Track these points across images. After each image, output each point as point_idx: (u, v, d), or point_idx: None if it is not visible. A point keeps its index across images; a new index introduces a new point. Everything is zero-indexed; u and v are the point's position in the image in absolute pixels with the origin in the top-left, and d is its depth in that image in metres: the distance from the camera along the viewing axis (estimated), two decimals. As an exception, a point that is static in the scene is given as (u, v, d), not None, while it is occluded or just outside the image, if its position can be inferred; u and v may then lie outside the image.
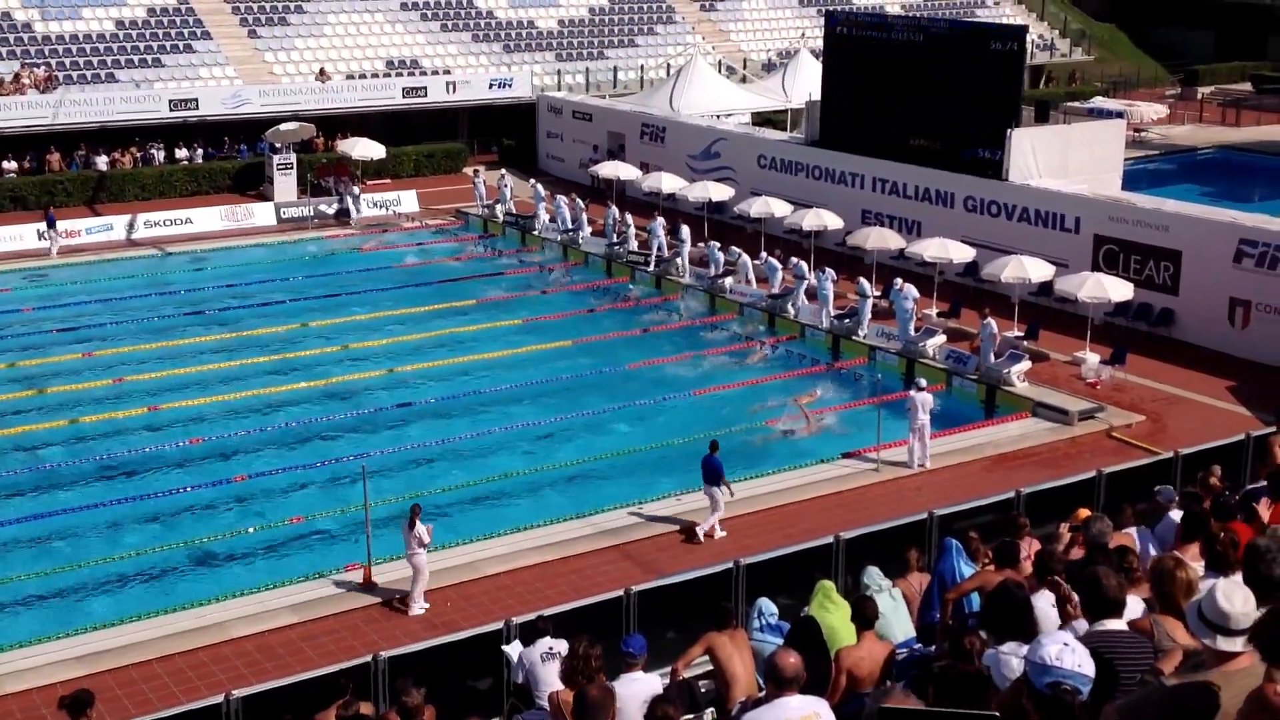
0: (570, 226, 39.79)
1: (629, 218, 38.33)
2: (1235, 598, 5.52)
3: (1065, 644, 5.39)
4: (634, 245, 37.82)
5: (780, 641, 11.79)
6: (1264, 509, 11.06)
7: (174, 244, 41.07)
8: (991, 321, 28.19)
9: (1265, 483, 12.91)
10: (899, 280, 30.56)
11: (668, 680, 11.98)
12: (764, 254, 34.68)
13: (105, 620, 18.82)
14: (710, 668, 12.49)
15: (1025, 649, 5.96)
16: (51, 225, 39.96)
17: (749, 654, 12.21)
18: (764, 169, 41.53)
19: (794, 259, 33.64)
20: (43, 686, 16.93)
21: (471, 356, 30.68)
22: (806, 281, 32.43)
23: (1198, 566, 7.95)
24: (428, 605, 19.18)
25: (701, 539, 21.08)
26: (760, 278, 34.27)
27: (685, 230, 36.42)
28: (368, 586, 19.54)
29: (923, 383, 24.65)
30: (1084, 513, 13.21)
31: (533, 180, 44.13)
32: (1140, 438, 25.17)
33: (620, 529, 21.53)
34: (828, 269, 32.13)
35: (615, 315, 34.41)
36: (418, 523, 19.08)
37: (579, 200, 40.48)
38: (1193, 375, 28.59)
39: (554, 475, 24.29)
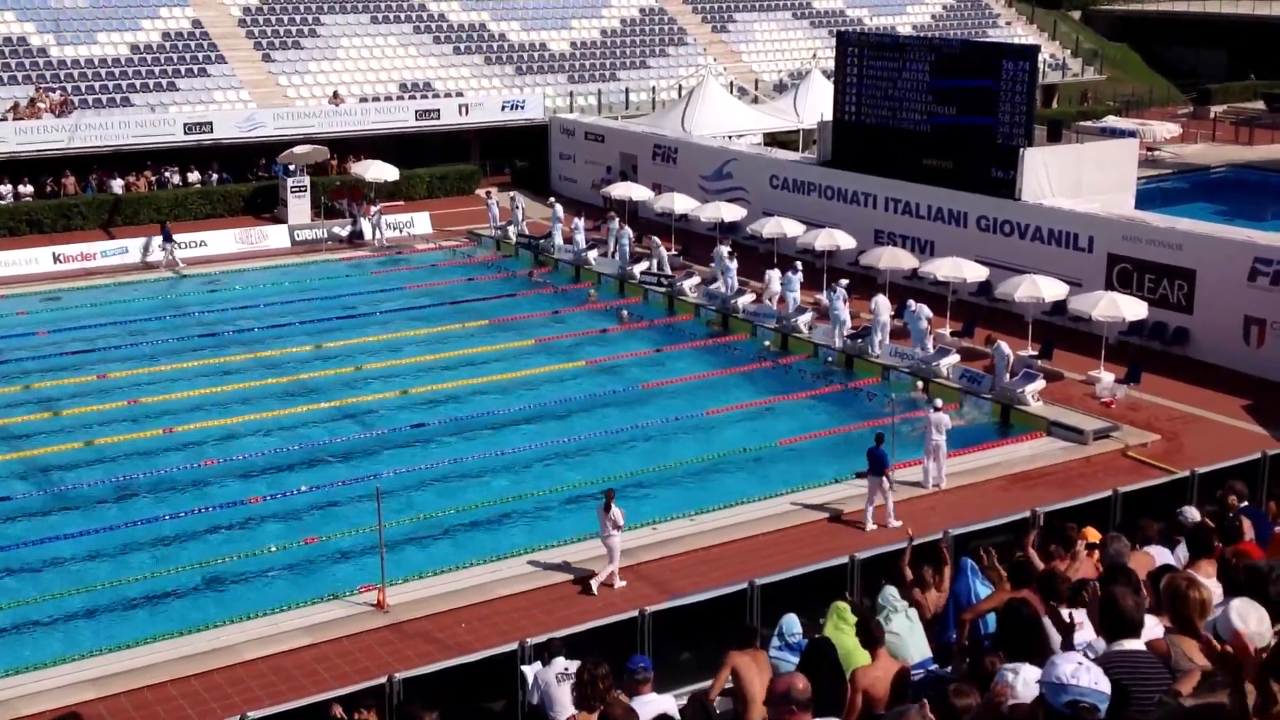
0: (585, 247, 39.80)
1: (656, 239, 38.34)
2: (1250, 617, 5.50)
3: (1080, 663, 5.38)
4: (654, 266, 37.80)
5: (797, 660, 11.77)
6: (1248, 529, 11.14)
7: (189, 266, 41.22)
8: (1002, 345, 28.13)
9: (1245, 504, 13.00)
10: (912, 301, 30.55)
11: (683, 702, 11.95)
12: (796, 262, 34.69)
13: (119, 642, 18.81)
14: (728, 685, 12.48)
15: (1029, 669, 5.94)
16: (169, 239, 41.03)
17: (769, 675, 12.18)
18: (776, 189, 41.57)
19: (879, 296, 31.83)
20: (57, 709, 16.88)
21: (485, 378, 30.71)
22: (882, 319, 31.06)
23: (1214, 586, 7.91)
24: (624, 583, 20.20)
25: (870, 527, 22.04)
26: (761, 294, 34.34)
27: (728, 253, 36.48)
28: (382, 608, 19.52)
29: (939, 402, 24.61)
30: (1090, 532, 13.15)
31: (552, 199, 43.85)
32: (1156, 457, 25.08)
33: (634, 549, 21.47)
34: (839, 288, 32.11)
35: (629, 336, 34.40)
36: (613, 506, 20.07)
37: (617, 222, 40.23)
38: (1208, 394, 28.49)
39: (566, 496, 24.27)
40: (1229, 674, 5.05)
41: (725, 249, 36.44)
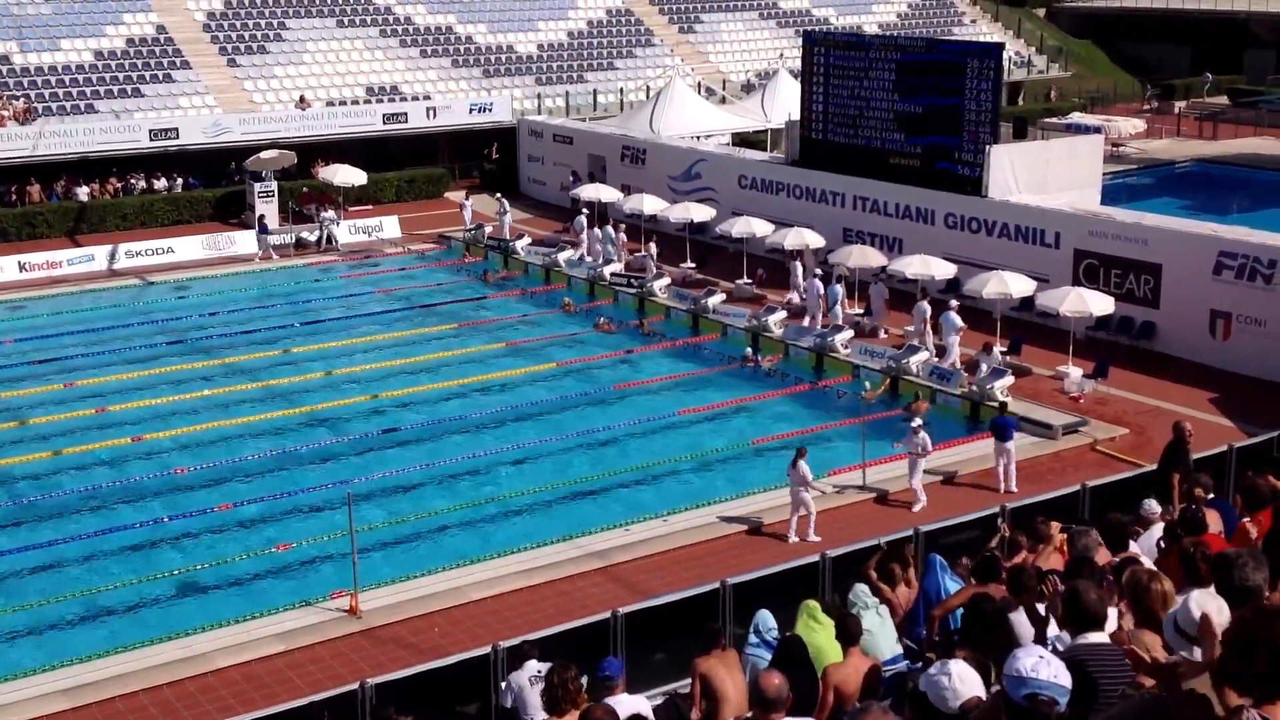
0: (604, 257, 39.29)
1: (653, 247, 38.23)
2: (1209, 609, 5.56)
3: (1041, 656, 5.42)
4: (650, 272, 37.59)
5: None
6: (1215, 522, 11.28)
7: (156, 273, 41.02)
8: (998, 352, 28.35)
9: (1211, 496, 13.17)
10: (953, 313, 29.77)
11: (657, 702, 11.98)
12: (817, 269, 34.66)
13: (90, 652, 18.67)
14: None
15: (953, 664, 5.97)
16: (265, 231, 42.16)
17: (739, 674, 12.21)
18: (745, 189, 41.65)
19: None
20: (28, 720, 16.85)
21: (456, 381, 30.67)
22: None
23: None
24: (819, 538, 21.06)
25: (1002, 490, 22.87)
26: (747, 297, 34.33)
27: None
28: (354, 613, 19.47)
29: (917, 422, 23.69)
30: (1054, 525, 13.26)
31: (584, 211, 42.05)
32: (1124, 451, 25.23)
33: (606, 551, 21.50)
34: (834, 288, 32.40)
35: (601, 338, 34.37)
36: (800, 462, 21.17)
37: (614, 231, 39.98)
38: (1175, 387, 28.67)
39: (539, 498, 24.25)
40: (1164, 682, 5.11)
41: (819, 284, 33.47)
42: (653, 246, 38.38)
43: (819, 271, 34.37)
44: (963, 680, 5.81)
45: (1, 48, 48.19)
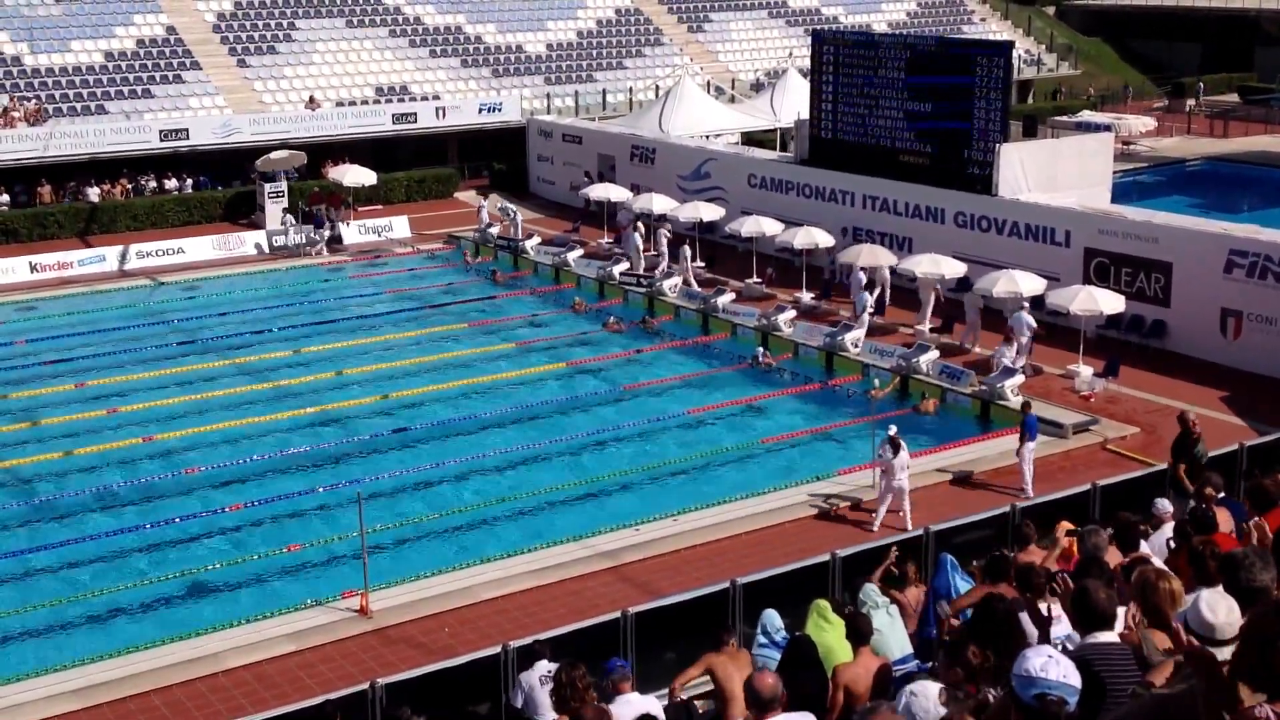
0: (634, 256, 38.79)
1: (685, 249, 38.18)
2: (1219, 608, 5.56)
3: (1050, 656, 5.43)
4: (686, 270, 37.53)
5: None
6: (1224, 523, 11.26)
7: (166, 274, 41.12)
8: (1009, 352, 28.44)
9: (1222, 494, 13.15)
10: (1025, 312, 29.30)
11: (665, 701, 11.98)
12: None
13: (101, 652, 18.71)
14: (710, 687, 12.51)
15: (914, 685, 5.99)
16: (319, 226, 42.71)
17: (750, 672, 12.21)
18: (754, 188, 41.63)
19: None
20: (40, 720, 16.91)
21: (466, 380, 30.71)
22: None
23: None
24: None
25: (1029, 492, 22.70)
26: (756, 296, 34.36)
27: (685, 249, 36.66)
28: (365, 613, 19.50)
29: (893, 429, 22.72)
30: (1064, 525, 13.26)
31: (624, 205, 42.20)
32: (1135, 450, 25.18)
33: (617, 550, 21.51)
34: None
35: (611, 338, 34.38)
36: (889, 450, 21.67)
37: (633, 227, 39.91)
38: (1186, 386, 28.60)
39: (550, 498, 24.27)
40: (1200, 668, 5.12)
41: (862, 275, 33.41)
42: (686, 249, 38.20)
43: (862, 267, 34.28)
44: (928, 696, 5.85)
45: (12, 49, 48.35)
